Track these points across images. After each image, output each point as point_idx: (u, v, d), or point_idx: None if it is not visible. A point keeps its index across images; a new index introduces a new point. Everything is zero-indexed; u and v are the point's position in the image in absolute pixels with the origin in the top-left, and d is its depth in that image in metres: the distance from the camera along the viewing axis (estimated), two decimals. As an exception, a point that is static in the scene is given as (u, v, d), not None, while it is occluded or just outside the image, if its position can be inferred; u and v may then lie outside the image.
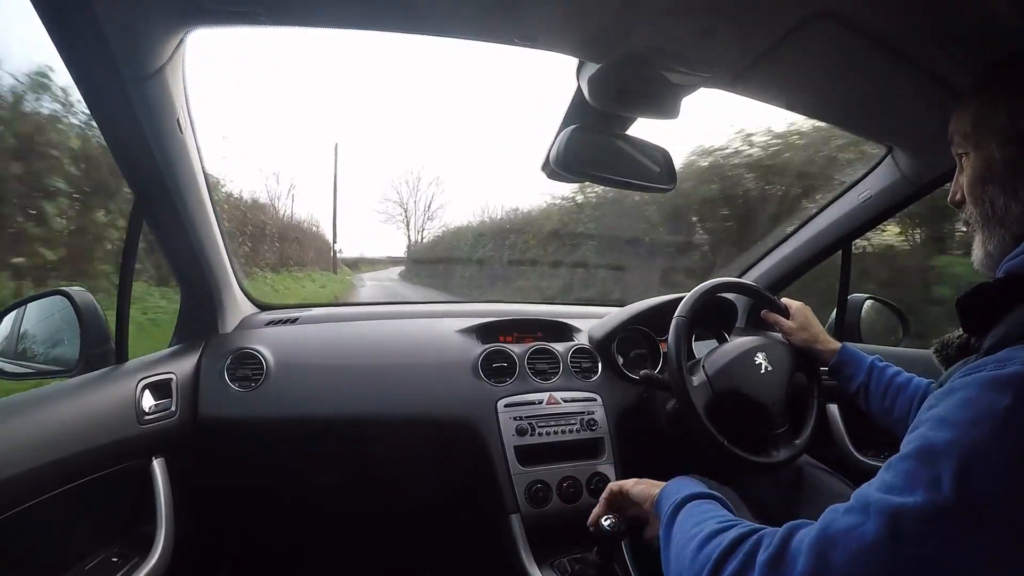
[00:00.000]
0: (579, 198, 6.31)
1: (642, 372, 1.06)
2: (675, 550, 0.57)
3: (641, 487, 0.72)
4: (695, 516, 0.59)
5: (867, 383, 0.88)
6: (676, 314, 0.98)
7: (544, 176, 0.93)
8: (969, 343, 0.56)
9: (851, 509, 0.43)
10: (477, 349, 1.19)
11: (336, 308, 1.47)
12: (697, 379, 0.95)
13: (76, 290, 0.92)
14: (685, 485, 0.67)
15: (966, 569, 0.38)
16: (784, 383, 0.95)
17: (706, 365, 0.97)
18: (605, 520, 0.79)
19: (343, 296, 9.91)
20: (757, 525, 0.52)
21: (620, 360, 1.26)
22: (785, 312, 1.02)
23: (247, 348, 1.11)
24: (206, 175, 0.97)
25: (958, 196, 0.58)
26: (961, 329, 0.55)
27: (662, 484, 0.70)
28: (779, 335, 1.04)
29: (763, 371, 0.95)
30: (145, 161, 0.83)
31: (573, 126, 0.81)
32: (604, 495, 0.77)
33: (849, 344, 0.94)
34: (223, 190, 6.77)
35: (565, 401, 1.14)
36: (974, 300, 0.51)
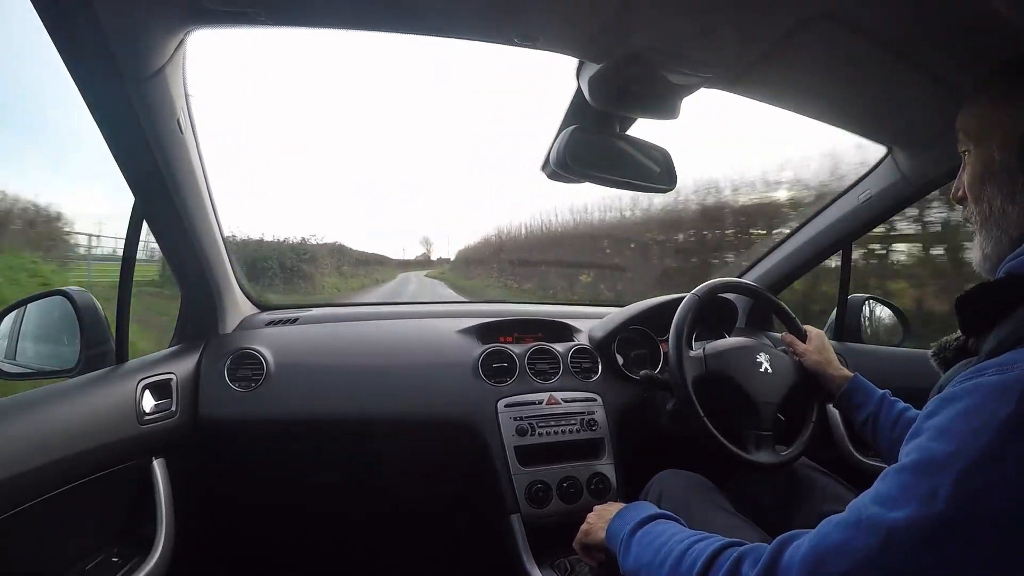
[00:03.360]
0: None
1: (642, 372, 1.06)
2: (646, 561, 0.57)
3: (592, 532, 0.73)
4: (654, 539, 0.59)
5: (876, 414, 0.85)
6: (692, 292, 0.99)
7: (544, 176, 0.93)
8: (967, 345, 0.55)
9: (843, 523, 0.43)
10: (477, 349, 1.19)
11: (336, 308, 1.47)
12: (694, 354, 0.96)
13: (76, 290, 0.92)
14: (632, 513, 0.67)
15: None
16: (781, 390, 0.94)
17: (707, 348, 0.98)
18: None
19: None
20: (726, 539, 0.52)
21: (620, 360, 1.26)
22: (803, 335, 1.01)
23: (247, 348, 1.11)
24: (206, 175, 0.97)
25: (960, 193, 0.58)
26: (960, 331, 0.54)
27: (612, 511, 0.71)
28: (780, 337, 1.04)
29: (762, 370, 0.94)
30: (145, 161, 0.83)
31: (573, 126, 0.81)
32: (579, 552, 0.79)
33: (860, 375, 0.91)
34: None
35: (565, 401, 1.14)
36: (974, 301, 0.50)
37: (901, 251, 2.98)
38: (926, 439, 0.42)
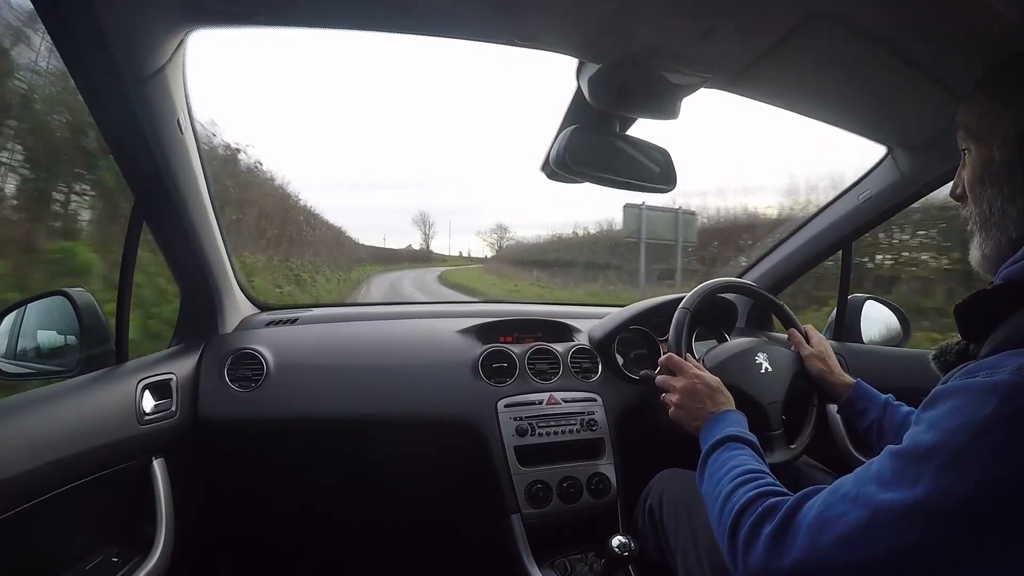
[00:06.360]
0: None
1: (642, 372, 1.06)
2: (706, 492, 0.64)
3: (683, 413, 0.81)
4: (718, 470, 0.65)
5: (881, 419, 0.85)
6: (681, 305, 0.98)
7: (544, 176, 0.93)
8: (968, 349, 0.55)
9: (847, 496, 0.47)
10: (477, 349, 1.19)
11: (336, 308, 1.47)
12: None
13: (76, 290, 0.91)
14: (724, 423, 0.73)
15: (933, 563, 0.41)
16: (783, 386, 0.94)
17: (706, 358, 0.97)
18: (616, 542, 0.83)
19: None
20: (768, 485, 0.57)
21: (620, 360, 1.26)
22: (806, 334, 1.01)
23: (247, 348, 1.11)
24: (206, 175, 0.97)
25: (959, 191, 0.58)
26: (960, 335, 0.55)
27: (708, 411, 0.78)
28: (782, 336, 1.04)
29: (763, 371, 0.94)
30: (145, 161, 0.83)
31: (573, 126, 0.81)
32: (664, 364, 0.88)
33: (862, 382, 0.91)
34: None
35: (565, 401, 1.14)
36: (972, 306, 0.51)
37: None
38: (919, 429, 0.46)
